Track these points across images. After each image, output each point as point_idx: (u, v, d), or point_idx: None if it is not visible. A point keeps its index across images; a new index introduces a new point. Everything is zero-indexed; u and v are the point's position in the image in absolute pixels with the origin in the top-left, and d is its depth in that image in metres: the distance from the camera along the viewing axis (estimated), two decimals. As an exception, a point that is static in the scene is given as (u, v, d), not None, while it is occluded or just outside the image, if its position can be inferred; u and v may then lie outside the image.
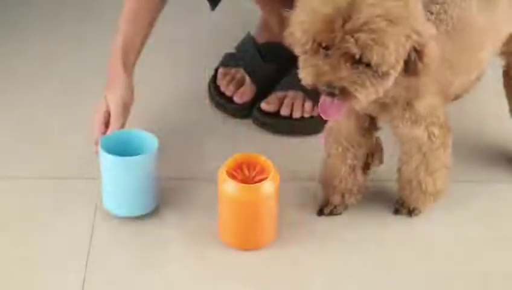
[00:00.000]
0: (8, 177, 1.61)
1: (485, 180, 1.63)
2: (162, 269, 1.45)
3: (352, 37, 1.19)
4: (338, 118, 1.34)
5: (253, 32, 1.84)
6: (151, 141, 1.49)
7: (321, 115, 1.32)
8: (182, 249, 1.48)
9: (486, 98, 1.77)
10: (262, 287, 1.43)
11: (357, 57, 1.21)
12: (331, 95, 1.25)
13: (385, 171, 1.61)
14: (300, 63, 1.28)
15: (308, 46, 1.24)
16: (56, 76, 1.84)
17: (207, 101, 1.76)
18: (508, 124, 1.67)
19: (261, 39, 1.83)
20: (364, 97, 1.25)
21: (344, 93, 1.24)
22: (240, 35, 1.84)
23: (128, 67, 1.56)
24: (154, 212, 1.53)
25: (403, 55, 1.24)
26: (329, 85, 1.24)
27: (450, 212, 1.55)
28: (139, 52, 1.58)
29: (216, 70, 1.79)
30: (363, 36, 1.19)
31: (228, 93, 1.74)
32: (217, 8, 1.69)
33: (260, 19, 1.86)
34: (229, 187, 1.41)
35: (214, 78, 1.78)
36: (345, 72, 1.23)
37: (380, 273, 1.45)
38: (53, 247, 1.48)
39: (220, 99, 1.75)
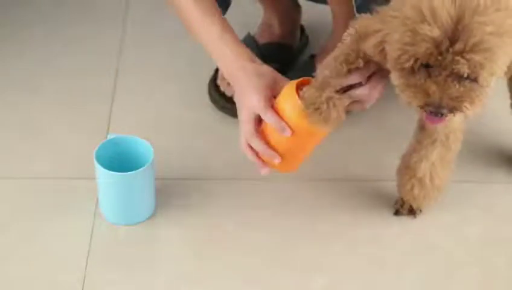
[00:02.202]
0: (7, 177, 1.61)
1: (485, 180, 1.63)
2: (162, 269, 1.45)
3: (463, 58, 1.16)
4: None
5: (253, 33, 1.84)
6: (146, 148, 1.49)
7: (428, 122, 1.30)
8: (182, 249, 1.48)
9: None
10: (262, 287, 1.43)
11: (465, 75, 1.18)
12: (439, 114, 1.22)
13: (385, 171, 1.61)
14: (397, 81, 1.24)
15: (407, 65, 1.20)
16: (56, 76, 1.83)
17: (207, 101, 1.76)
18: (507, 124, 1.67)
19: (262, 39, 1.83)
20: (473, 112, 1.22)
21: (452, 111, 1.22)
22: (240, 35, 1.84)
23: (240, 50, 1.44)
24: (153, 213, 1.54)
25: (508, 63, 1.21)
26: (439, 106, 1.20)
27: (450, 212, 1.55)
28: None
29: (216, 70, 1.78)
30: (476, 57, 1.16)
31: (228, 93, 1.74)
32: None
33: (261, 19, 1.86)
34: (297, 109, 1.32)
35: (214, 78, 1.78)
36: (455, 92, 1.19)
37: (380, 273, 1.45)
38: (53, 247, 1.48)
39: (220, 99, 1.75)
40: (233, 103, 1.73)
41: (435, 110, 1.22)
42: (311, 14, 1.89)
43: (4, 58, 1.88)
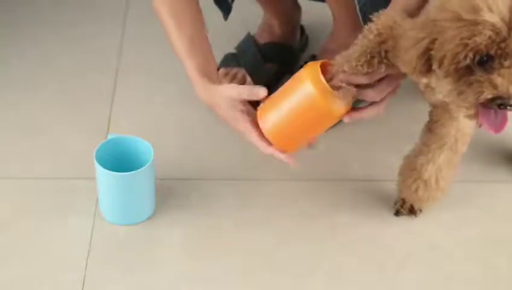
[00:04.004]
0: (8, 177, 1.61)
1: (485, 180, 1.63)
2: (162, 269, 1.45)
3: None
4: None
5: (253, 32, 1.84)
6: (146, 148, 1.49)
7: (491, 131, 1.26)
8: (181, 249, 1.48)
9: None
10: (262, 287, 1.43)
11: None
12: (509, 106, 1.20)
13: (385, 171, 1.61)
14: (450, 86, 1.23)
15: (464, 63, 1.19)
16: (56, 76, 1.84)
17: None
18: (508, 124, 1.67)
19: (262, 39, 1.83)
20: None
21: None
22: (240, 35, 1.84)
23: (207, 72, 1.46)
24: (153, 213, 1.54)
25: None
26: (509, 96, 1.18)
27: (450, 212, 1.55)
28: (207, 49, 1.48)
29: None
30: None
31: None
32: (217, 8, 1.69)
33: (261, 19, 1.86)
34: (319, 86, 1.32)
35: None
36: None
37: (380, 274, 1.45)
38: (53, 247, 1.48)
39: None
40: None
41: (505, 103, 1.19)
42: (311, 14, 1.90)
43: (4, 58, 1.88)
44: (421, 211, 1.53)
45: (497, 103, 1.20)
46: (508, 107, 1.20)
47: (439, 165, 1.46)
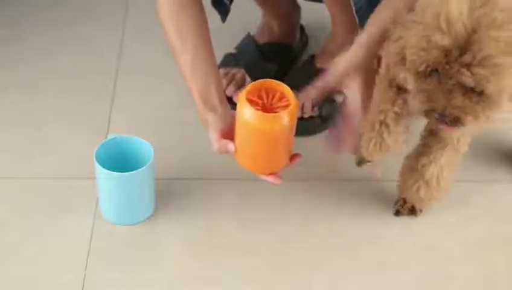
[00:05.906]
0: (7, 177, 1.61)
1: (485, 180, 1.63)
2: (162, 269, 1.45)
3: (469, 70, 1.15)
4: None
5: (253, 32, 1.84)
6: (146, 148, 1.49)
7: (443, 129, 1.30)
8: (182, 249, 1.48)
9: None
10: (262, 287, 1.43)
11: (472, 85, 1.17)
12: (443, 122, 1.22)
13: (385, 171, 1.61)
14: (411, 85, 1.25)
15: (421, 69, 1.21)
16: (56, 76, 1.84)
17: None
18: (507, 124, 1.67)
19: (261, 39, 1.83)
20: (476, 127, 1.23)
21: (455, 122, 1.21)
22: (240, 35, 1.84)
23: (205, 96, 1.48)
24: (153, 213, 1.54)
25: None
26: (442, 114, 1.20)
27: (450, 212, 1.55)
28: (212, 71, 1.50)
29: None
30: (482, 71, 1.15)
31: (228, 93, 1.74)
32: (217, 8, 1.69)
33: (261, 19, 1.86)
34: (247, 113, 1.36)
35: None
36: (459, 102, 1.19)
37: (380, 273, 1.45)
38: (53, 247, 1.48)
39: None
40: (234, 103, 1.74)
41: (438, 118, 1.22)
42: (311, 14, 1.90)
43: (4, 58, 1.88)
44: (421, 211, 1.54)
45: (435, 116, 1.22)
46: (444, 124, 1.22)
47: (440, 165, 1.46)
